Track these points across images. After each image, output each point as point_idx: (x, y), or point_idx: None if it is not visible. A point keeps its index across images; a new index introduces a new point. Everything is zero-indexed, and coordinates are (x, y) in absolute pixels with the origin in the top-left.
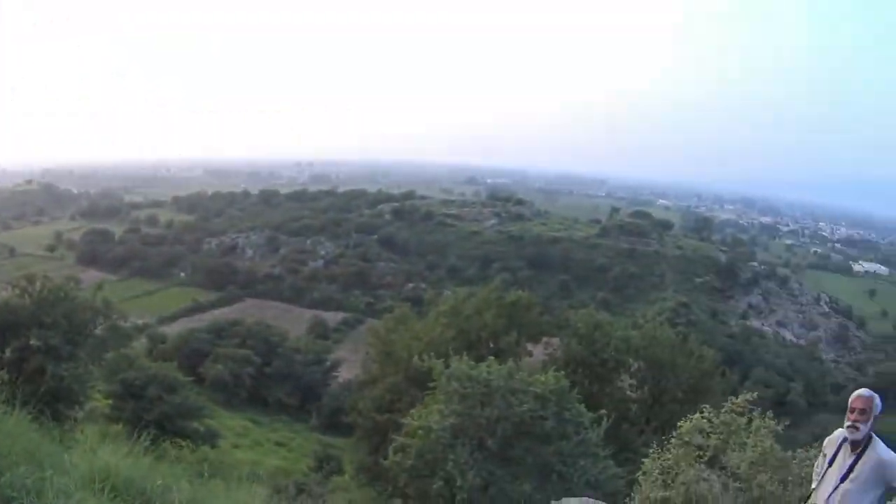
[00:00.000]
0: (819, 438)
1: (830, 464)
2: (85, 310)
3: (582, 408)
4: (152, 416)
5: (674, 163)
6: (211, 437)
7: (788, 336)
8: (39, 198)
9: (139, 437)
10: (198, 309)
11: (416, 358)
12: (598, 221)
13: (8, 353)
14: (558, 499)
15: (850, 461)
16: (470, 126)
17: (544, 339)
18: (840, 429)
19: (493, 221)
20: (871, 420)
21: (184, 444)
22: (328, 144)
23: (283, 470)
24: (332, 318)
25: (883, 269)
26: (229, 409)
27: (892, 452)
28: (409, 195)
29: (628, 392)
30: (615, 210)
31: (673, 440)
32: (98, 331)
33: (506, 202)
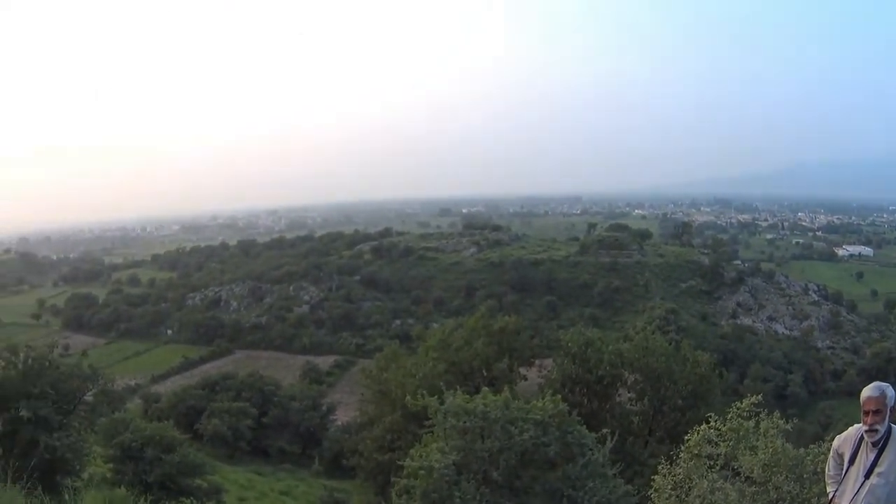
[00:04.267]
0: (826, 428)
1: (852, 462)
2: (72, 377)
3: (584, 429)
4: (154, 476)
5: (646, 172)
6: (215, 493)
7: (781, 329)
8: (18, 266)
9: (144, 500)
10: (189, 365)
11: (408, 398)
12: (576, 239)
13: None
14: None
15: (872, 456)
16: (438, 159)
17: (537, 361)
18: (853, 426)
19: (472, 250)
20: (888, 415)
21: (188, 502)
22: (298, 191)
23: None
24: (324, 361)
25: (868, 251)
26: (231, 463)
27: None
28: (386, 233)
29: (628, 405)
30: (592, 226)
31: (682, 453)
32: (88, 397)
33: (482, 230)
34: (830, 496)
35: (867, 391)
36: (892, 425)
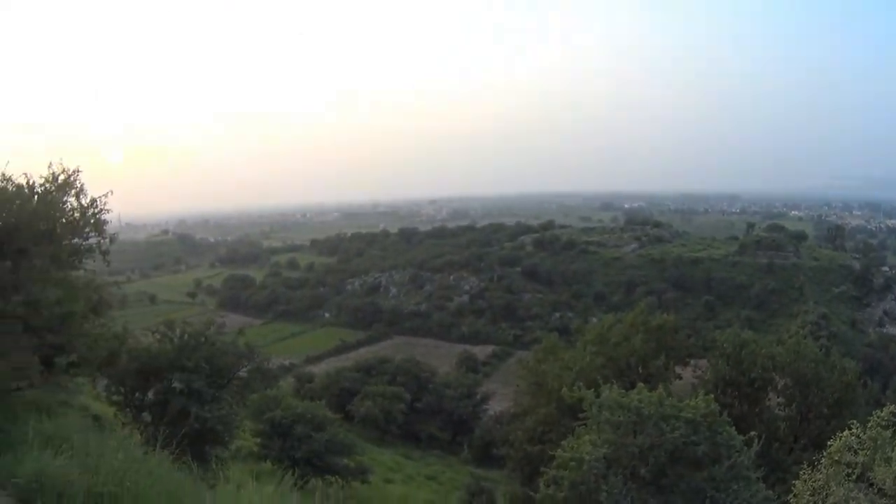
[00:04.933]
0: None
1: None
2: (227, 354)
3: (733, 431)
4: (301, 453)
5: (805, 173)
6: (361, 473)
7: None
8: (176, 247)
9: (291, 475)
10: (345, 348)
11: (565, 389)
12: (735, 238)
13: (150, 395)
14: None
15: None
16: (600, 152)
17: (692, 361)
18: None
19: (633, 246)
20: None
21: (333, 480)
22: (461, 180)
23: (433, 502)
24: (481, 351)
25: None
26: (381, 446)
27: None
28: (548, 225)
29: (776, 410)
30: (750, 226)
31: (823, 459)
32: (243, 373)
33: (644, 226)
34: None
35: None
36: None
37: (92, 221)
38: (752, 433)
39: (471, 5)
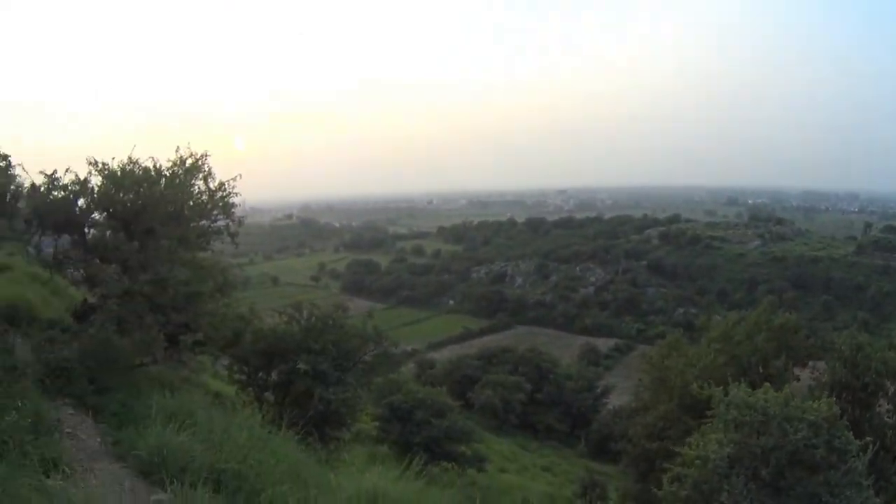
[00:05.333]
0: None
1: None
2: (354, 337)
3: (850, 436)
4: (419, 439)
5: None
6: (478, 461)
7: None
8: (300, 231)
9: (411, 460)
10: (467, 336)
11: (694, 385)
12: (853, 238)
13: (274, 376)
14: None
15: None
16: (725, 147)
17: (810, 363)
18: None
19: (756, 243)
20: None
21: (449, 466)
22: (588, 170)
23: (548, 495)
24: (604, 344)
25: None
26: (499, 434)
27: None
28: (674, 219)
29: (885, 418)
30: (868, 226)
31: None
32: (367, 357)
33: (767, 222)
34: None
35: None
36: None
37: (220, 204)
38: (868, 439)
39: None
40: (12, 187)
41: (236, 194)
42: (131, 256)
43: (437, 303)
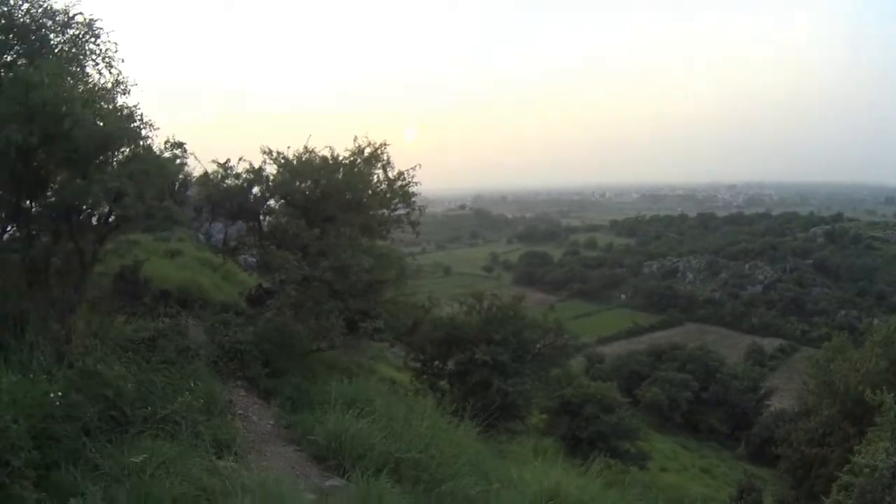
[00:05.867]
0: None
1: None
2: (533, 328)
3: None
4: (586, 434)
5: None
6: (641, 459)
7: None
8: (472, 222)
9: (585, 456)
10: (637, 331)
11: (867, 390)
12: None
13: (451, 365)
14: None
15: None
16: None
17: None
18: None
19: None
20: None
21: (613, 463)
22: (757, 166)
23: (706, 497)
24: (769, 344)
25: None
26: (661, 432)
27: None
28: (837, 217)
29: None
30: None
31: None
32: (544, 349)
33: None
34: None
35: None
36: None
37: (400, 193)
38: None
39: None
40: (181, 176)
41: (415, 183)
42: (312, 243)
43: (608, 296)
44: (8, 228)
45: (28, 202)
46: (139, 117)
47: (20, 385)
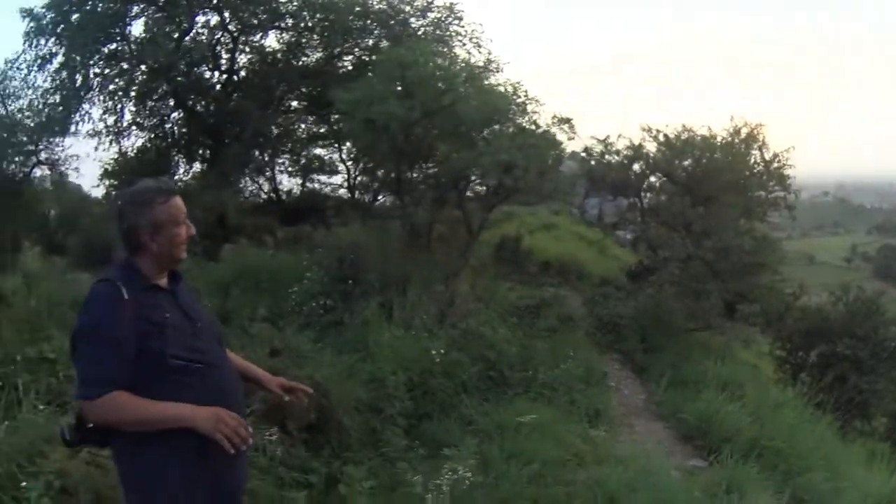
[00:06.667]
0: None
1: None
2: (888, 326)
3: None
4: None
5: None
6: None
7: None
8: (834, 210)
9: None
10: None
11: None
12: None
13: (813, 356)
14: None
15: None
16: None
17: None
18: None
19: None
20: None
21: None
22: None
23: None
24: None
25: None
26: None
27: None
28: None
29: None
30: None
31: None
32: None
33: None
34: None
35: None
36: None
37: (776, 175)
38: None
39: None
40: (554, 152)
41: (790, 166)
42: (696, 222)
43: None
44: (382, 196)
45: (409, 173)
46: (524, 93)
47: (402, 340)
